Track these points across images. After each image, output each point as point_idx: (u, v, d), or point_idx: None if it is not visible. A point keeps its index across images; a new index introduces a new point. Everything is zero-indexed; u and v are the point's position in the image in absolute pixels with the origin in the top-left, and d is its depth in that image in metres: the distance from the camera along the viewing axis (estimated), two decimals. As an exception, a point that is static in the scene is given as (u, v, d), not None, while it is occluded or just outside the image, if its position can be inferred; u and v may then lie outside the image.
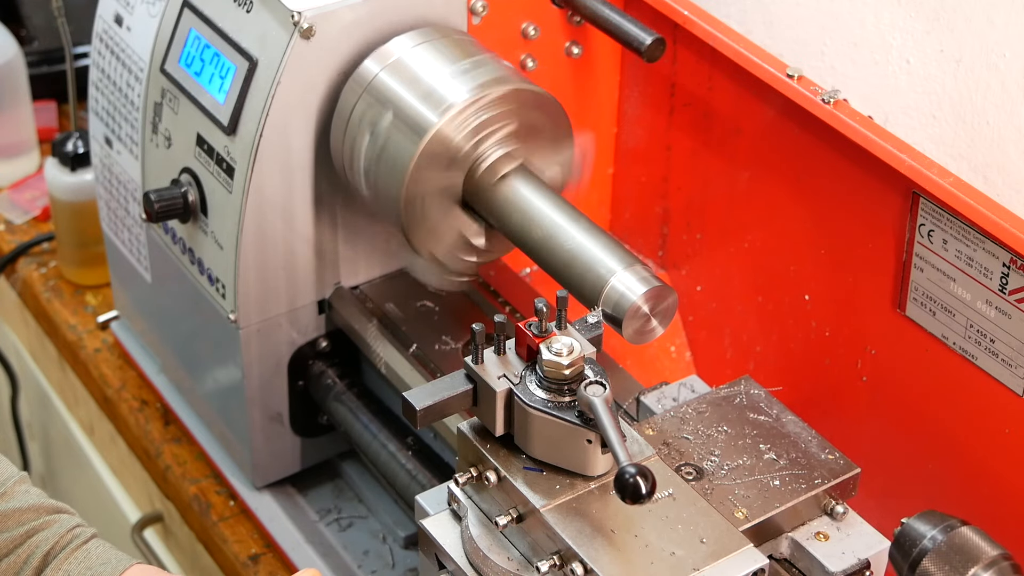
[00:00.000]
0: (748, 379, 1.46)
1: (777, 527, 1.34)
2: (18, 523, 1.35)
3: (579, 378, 1.28)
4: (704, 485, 1.35)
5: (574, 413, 1.28)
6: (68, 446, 2.29)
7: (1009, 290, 1.42)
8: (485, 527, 1.33)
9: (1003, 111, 1.57)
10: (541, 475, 1.30)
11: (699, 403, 1.43)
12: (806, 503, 1.35)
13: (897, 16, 1.64)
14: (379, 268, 1.74)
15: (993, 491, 1.50)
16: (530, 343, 1.30)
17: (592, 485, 1.30)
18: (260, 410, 1.75)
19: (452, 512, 1.37)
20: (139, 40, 1.74)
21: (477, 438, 1.33)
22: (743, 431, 1.41)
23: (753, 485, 1.35)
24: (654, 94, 1.81)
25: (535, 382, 1.29)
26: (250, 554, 1.79)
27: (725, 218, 1.78)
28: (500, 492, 1.31)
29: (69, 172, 2.10)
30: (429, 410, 1.31)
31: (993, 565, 1.24)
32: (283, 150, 1.59)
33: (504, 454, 1.32)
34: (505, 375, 1.30)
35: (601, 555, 1.24)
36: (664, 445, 1.39)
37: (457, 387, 1.32)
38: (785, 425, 1.41)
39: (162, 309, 1.89)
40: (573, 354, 1.28)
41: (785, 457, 1.38)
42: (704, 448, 1.39)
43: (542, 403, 1.28)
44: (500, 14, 1.70)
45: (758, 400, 1.44)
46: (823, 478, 1.36)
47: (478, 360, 1.31)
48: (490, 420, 1.31)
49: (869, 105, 1.68)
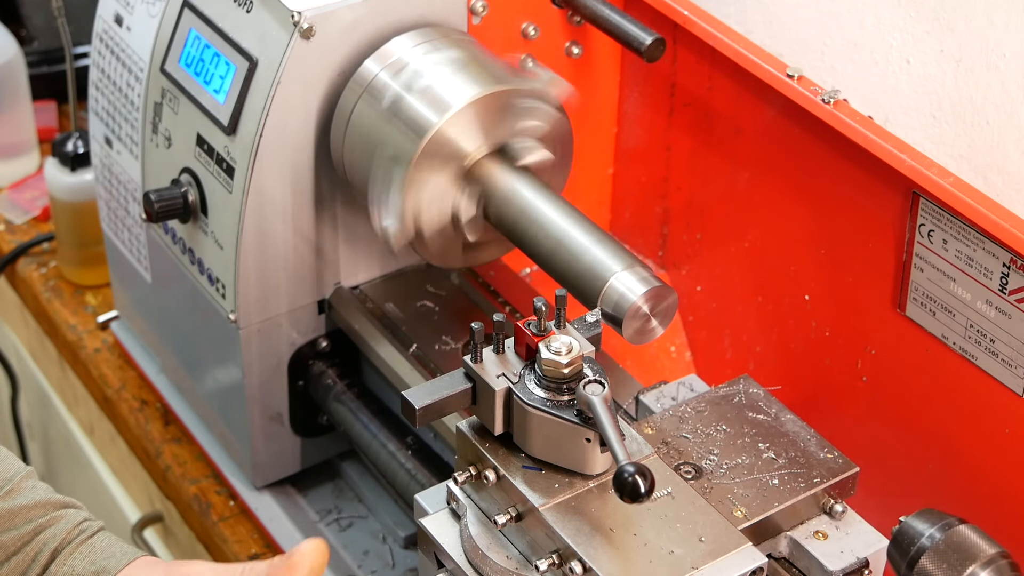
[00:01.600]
0: (747, 378, 1.46)
1: (776, 526, 1.34)
2: (26, 520, 1.35)
3: (578, 377, 1.28)
4: (703, 484, 1.35)
5: (573, 412, 1.28)
6: (68, 446, 2.29)
7: (1009, 290, 1.42)
8: (484, 526, 1.33)
9: (1003, 111, 1.57)
10: (540, 474, 1.30)
11: (698, 402, 1.44)
12: (805, 502, 1.35)
13: (897, 16, 1.64)
14: (379, 268, 1.74)
15: (992, 491, 1.50)
16: (529, 342, 1.30)
17: (591, 484, 1.30)
18: (260, 410, 1.75)
19: (451, 511, 1.37)
20: (139, 40, 1.74)
21: (476, 437, 1.33)
22: (742, 430, 1.41)
23: (752, 484, 1.35)
24: (654, 94, 1.81)
25: (534, 381, 1.29)
26: (250, 554, 1.79)
27: (725, 218, 1.78)
28: (499, 491, 1.31)
29: (69, 172, 2.10)
30: (428, 409, 1.31)
31: (991, 563, 1.24)
32: (283, 150, 1.59)
33: (503, 453, 1.32)
34: (504, 374, 1.30)
35: (600, 554, 1.24)
36: (663, 444, 1.39)
37: (456, 386, 1.32)
38: (784, 424, 1.41)
39: (162, 309, 1.89)
40: (572, 353, 1.28)
41: (784, 456, 1.38)
42: (703, 447, 1.39)
43: (541, 402, 1.28)
44: (500, 14, 1.70)
45: (757, 399, 1.44)
46: (822, 477, 1.36)
47: (477, 359, 1.31)
48: (489, 419, 1.31)
49: (869, 105, 1.68)
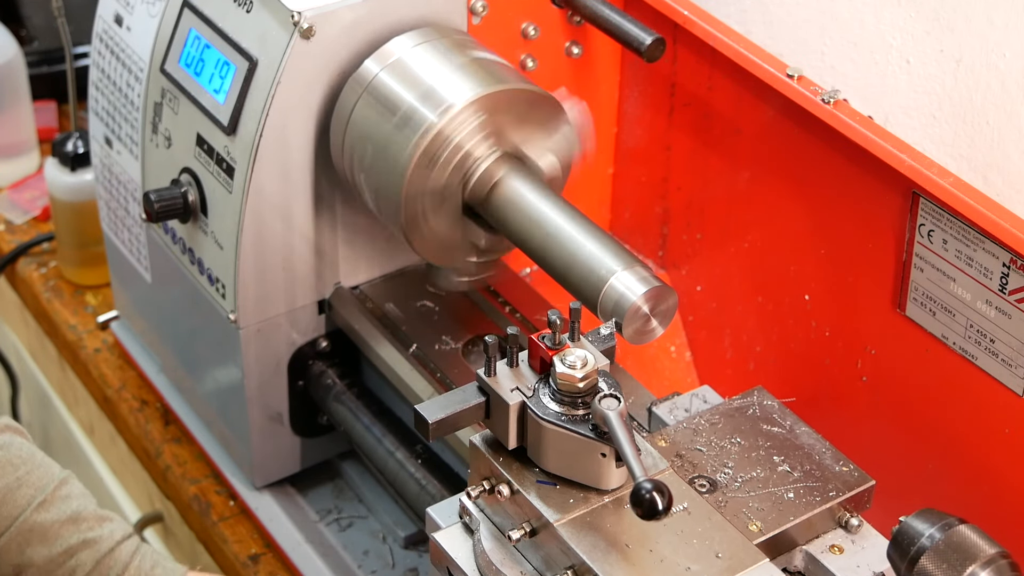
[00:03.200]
0: (761, 390, 1.44)
1: (791, 540, 1.33)
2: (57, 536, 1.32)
3: (593, 391, 1.26)
4: (718, 497, 1.33)
5: (588, 426, 1.25)
6: (68, 446, 2.29)
7: (1009, 290, 1.42)
8: (498, 541, 1.31)
9: (1003, 111, 1.57)
10: (554, 489, 1.28)
11: (712, 414, 1.42)
12: (820, 516, 1.33)
13: (897, 16, 1.64)
14: (379, 268, 1.74)
15: (992, 491, 1.50)
16: (543, 355, 1.28)
17: (606, 499, 1.28)
18: (260, 410, 1.74)
19: (464, 525, 1.35)
20: (139, 40, 1.74)
21: (490, 451, 1.31)
22: (756, 443, 1.39)
23: (767, 498, 1.33)
24: (654, 94, 1.81)
25: (548, 395, 1.27)
26: (250, 554, 1.79)
27: (725, 218, 1.78)
28: (513, 506, 1.29)
29: (69, 172, 2.10)
30: (441, 423, 1.29)
31: (991, 563, 1.23)
32: (283, 150, 1.59)
33: (517, 467, 1.30)
34: (518, 388, 1.28)
35: (616, 570, 1.23)
36: (677, 457, 1.37)
37: (470, 400, 1.30)
38: (799, 437, 1.39)
39: (162, 309, 1.89)
40: (587, 367, 1.26)
41: (799, 469, 1.36)
42: (717, 460, 1.37)
43: (556, 416, 1.26)
44: (500, 14, 1.70)
45: (771, 411, 1.42)
46: (838, 490, 1.34)
47: (491, 372, 1.29)
48: (503, 433, 1.29)
49: (869, 105, 1.68)
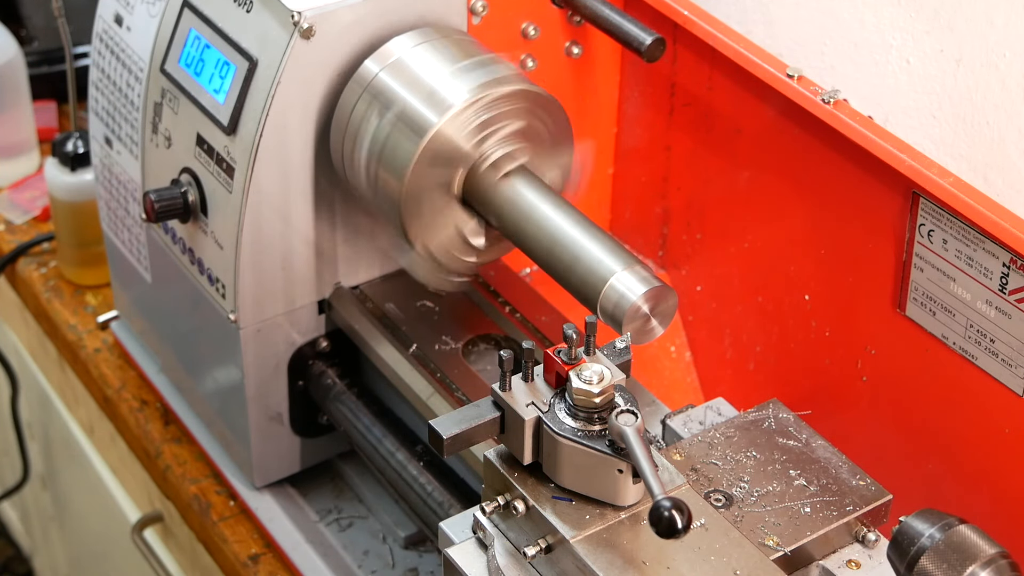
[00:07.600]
0: (776, 402, 1.43)
1: (808, 555, 1.31)
2: None
3: (610, 406, 1.25)
4: (734, 512, 1.32)
5: (605, 442, 1.24)
6: (68, 446, 2.29)
7: (1009, 290, 1.42)
8: (512, 557, 1.29)
9: (1003, 111, 1.57)
10: (570, 505, 1.27)
11: (727, 427, 1.40)
12: (837, 531, 1.32)
13: (897, 16, 1.64)
14: (379, 268, 1.74)
15: (992, 491, 1.50)
16: (559, 370, 1.26)
17: (623, 515, 1.26)
18: (260, 410, 1.74)
19: (478, 540, 1.33)
20: (139, 40, 1.74)
21: (504, 466, 1.29)
22: (772, 456, 1.37)
23: (784, 512, 1.32)
24: (654, 94, 1.81)
25: (564, 410, 1.26)
26: (250, 554, 1.79)
27: (725, 218, 1.78)
28: (528, 522, 1.28)
29: (69, 172, 2.09)
30: (456, 438, 1.27)
31: (991, 563, 1.23)
32: (283, 150, 1.59)
33: (532, 483, 1.28)
34: (533, 403, 1.27)
35: None
36: (692, 471, 1.35)
37: (485, 415, 1.28)
38: (815, 450, 1.38)
39: (162, 309, 1.89)
40: (604, 382, 1.25)
41: (816, 483, 1.35)
42: (733, 474, 1.35)
43: (572, 432, 1.25)
44: (500, 14, 1.70)
45: (787, 424, 1.41)
46: (855, 505, 1.33)
47: (506, 387, 1.28)
48: (518, 448, 1.28)
49: (869, 105, 1.68)
